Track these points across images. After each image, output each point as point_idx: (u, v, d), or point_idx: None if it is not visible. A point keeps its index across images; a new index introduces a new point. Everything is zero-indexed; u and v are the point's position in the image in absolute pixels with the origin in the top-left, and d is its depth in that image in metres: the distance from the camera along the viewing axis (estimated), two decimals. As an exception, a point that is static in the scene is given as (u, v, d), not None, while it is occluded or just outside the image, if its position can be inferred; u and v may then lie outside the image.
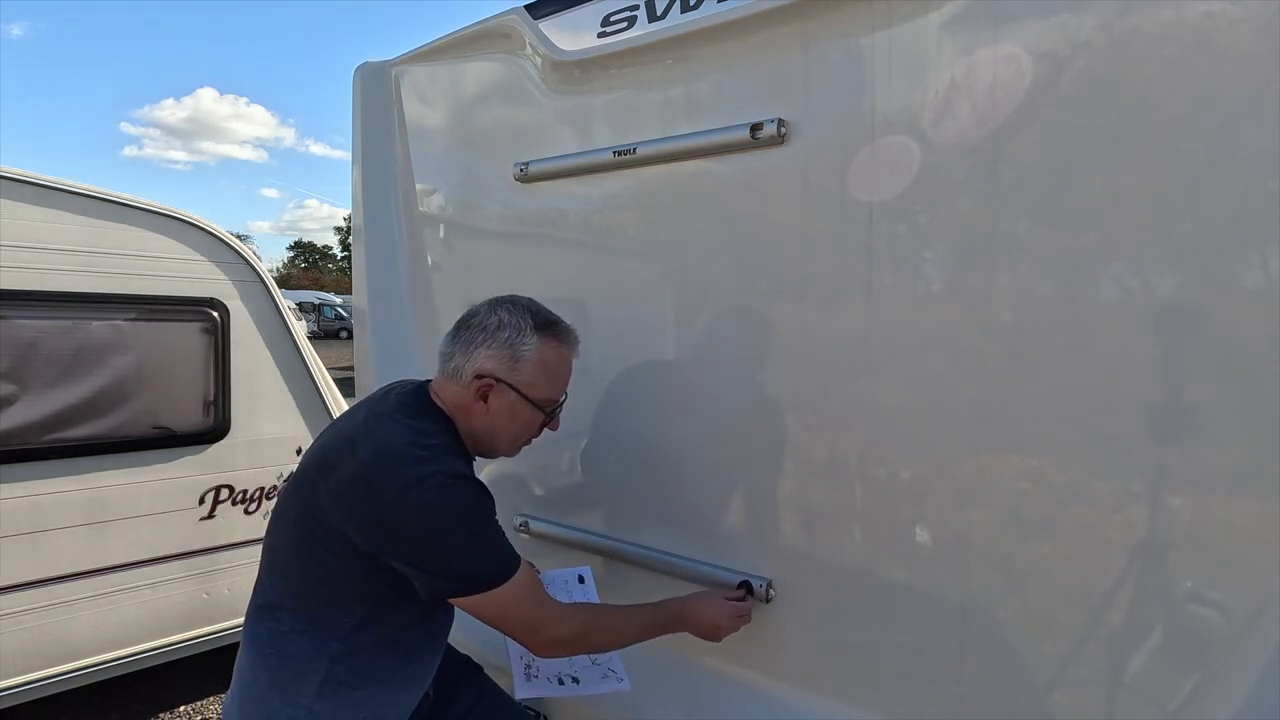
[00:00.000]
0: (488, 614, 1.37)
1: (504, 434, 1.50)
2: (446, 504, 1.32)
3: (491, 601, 1.35)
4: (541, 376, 1.47)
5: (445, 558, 1.34)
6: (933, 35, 1.33)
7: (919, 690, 1.42)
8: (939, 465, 1.37)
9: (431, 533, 1.32)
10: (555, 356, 1.48)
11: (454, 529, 1.33)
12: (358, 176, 2.40)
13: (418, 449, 1.35)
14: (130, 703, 3.32)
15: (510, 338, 1.44)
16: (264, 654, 1.40)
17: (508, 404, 1.46)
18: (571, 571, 1.80)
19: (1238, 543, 1.11)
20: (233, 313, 3.21)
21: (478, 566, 1.35)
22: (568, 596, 1.72)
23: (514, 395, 1.45)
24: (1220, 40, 1.08)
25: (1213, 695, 1.13)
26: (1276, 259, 1.05)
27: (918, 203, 1.36)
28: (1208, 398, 1.12)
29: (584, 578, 1.79)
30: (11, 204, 2.70)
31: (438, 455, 1.36)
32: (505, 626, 1.41)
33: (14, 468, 2.71)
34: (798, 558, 1.57)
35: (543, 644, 1.42)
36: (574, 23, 1.85)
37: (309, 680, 1.36)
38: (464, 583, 1.35)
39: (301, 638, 1.38)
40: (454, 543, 1.34)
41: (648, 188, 1.77)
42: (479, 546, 1.36)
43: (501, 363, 1.44)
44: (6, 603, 2.70)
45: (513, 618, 1.39)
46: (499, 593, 1.34)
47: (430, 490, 1.31)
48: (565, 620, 1.43)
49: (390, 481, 1.31)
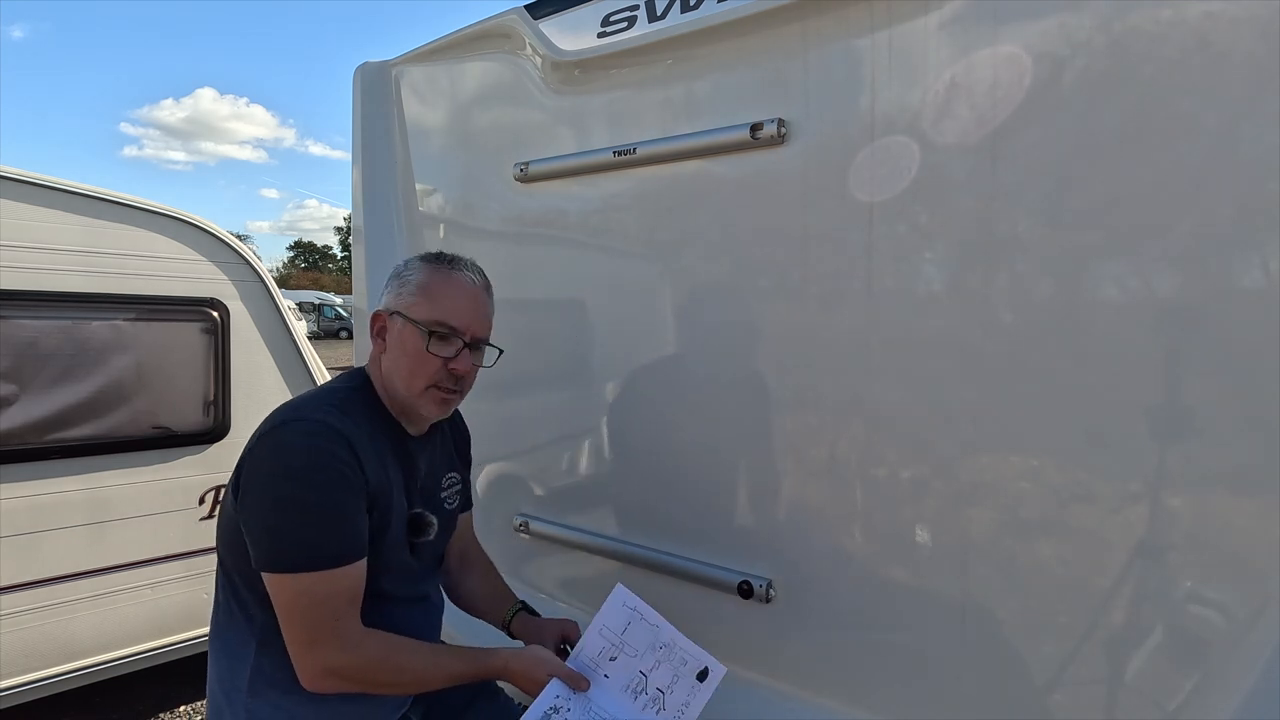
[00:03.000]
0: (278, 603, 1.21)
1: (399, 370, 1.38)
2: (293, 446, 1.22)
3: (284, 587, 1.19)
4: (423, 296, 1.39)
5: (263, 508, 1.21)
6: (932, 35, 1.33)
7: (919, 690, 1.42)
8: (939, 465, 1.37)
9: (263, 476, 1.21)
10: (438, 277, 1.41)
11: (286, 478, 1.20)
12: (358, 176, 2.40)
13: (295, 405, 1.31)
14: (130, 703, 3.32)
15: (399, 270, 1.44)
16: (213, 644, 1.37)
17: (397, 333, 1.39)
18: (702, 655, 1.43)
19: (1238, 543, 1.11)
20: (233, 313, 3.21)
21: (289, 531, 1.20)
22: (672, 677, 1.41)
23: (400, 321, 1.38)
24: (1220, 40, 1.08)
25: (1213, 695, 1.13)
26: (1276, 259, 1.05)
27: (918, 203, 1.36)
28: (1208, 398, 1.12)
29: (709, 674, 1.42)
30: (11, 204, 2.69)
31: (320, 406, 1.29)
32: (286, 629, 1.22)
33: (14, 468, 2.70)
34: (798, 558, 1.57)
35: (316, 669, 1.21)
36: (574, 23, 1.85)
37: (240, 673, 1.30)
38: (266, 547, 1.20)
39: (233, 621, 1.32)
40: (279, 493, 1.20)
41: (648, 188, 1.77)
42: (305, 510, 1.20)
43: (391, 295, 1.42)
44: (6, 603, 2.70)
45: (299, 618, 1.20)
46: (300, 579, 1.18)
47: (287, 433, 1.23)
48: (352, 651, 1.23)
49: (258, 430, 1.26)
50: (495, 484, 2.21)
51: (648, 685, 1.40)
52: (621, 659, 1.41)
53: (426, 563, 1.51)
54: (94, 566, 2.89)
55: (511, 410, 2.13)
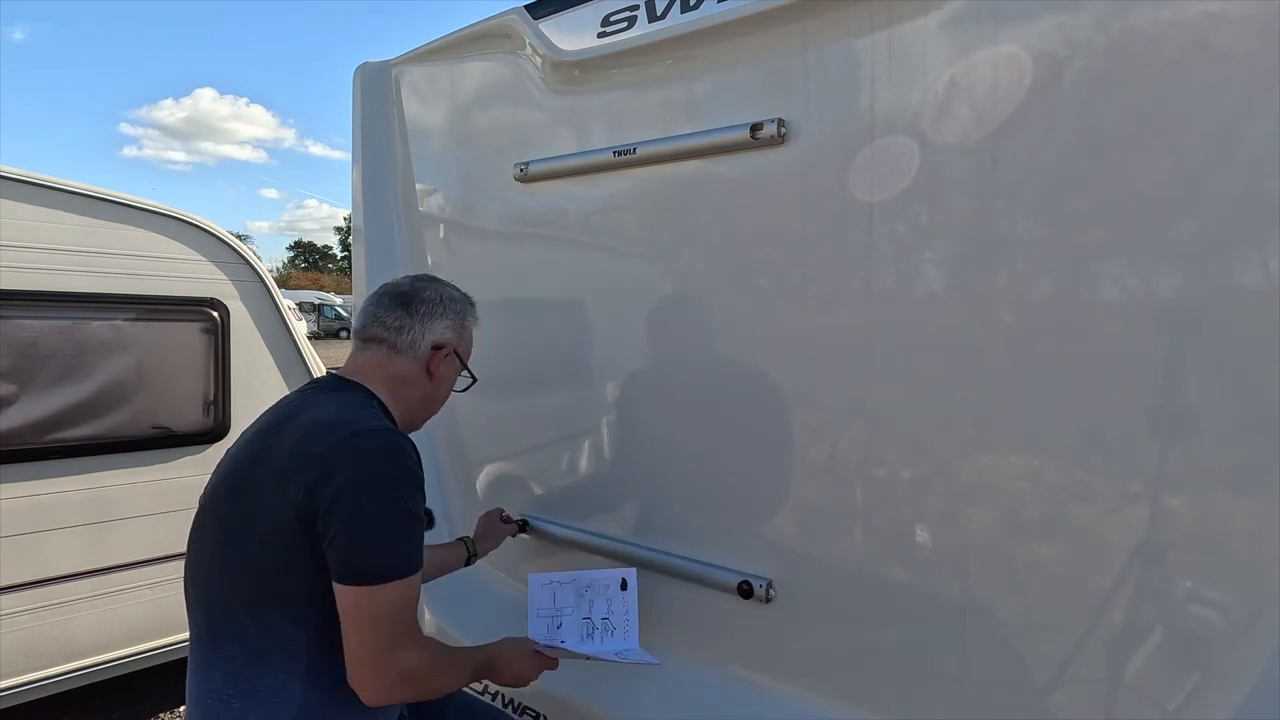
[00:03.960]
0: (359, 614, 1.16)
1: (438, 401, 1.54)
2: (386, 454, 1.22)
3: (374, 597, 1.16)
4: (471, 345, 1.59)
5: (365, 518, 1.18)
6: (932, 35, 1.33)
7: (919, 690, 1.42)
8: (939, 465, 1.37)
9: (359, 487, 1.18)
10: (472, 321, 1.60)
11: (386, 488, 1.20)
12: (358, 176, 2.40)
13: (349, 414, 1.29)
14: (130, 703, 3.32)
15: (461, 310, 1.55)
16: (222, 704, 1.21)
17: (451, 371, 1.54)
18: (613, 574, 1.62)
19: (1238, 543, 1.11)
20: (233, 313, 3.21)
21: (393, 540, 1.19)
22: (605, 604, 1.59)
23: (455, 362, 1.54)
24: (1220, 40, 1.08)
25: (1213, 695, 1.13)
26: (1276, 259, 1.05)
27: (918, 203, 1.36)
28: (1208, 397, 1.12)
29: (627, 583, 1.61)
30: (11, 204, 2.69)
31: (371, 418, 1.31)
32: (365, 637, 1.17)
33: (14, 468, 2.70)
34: (798, 558, 1.57)
35: (392, 676, 1.19)
36: (574, 23, 1.85)
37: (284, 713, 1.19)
38: (369, 556, 1.17)
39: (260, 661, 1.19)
40: (383, 502, 1.19)
41: (648, 188, 1.77)
42: (399, 522, 1.21)
43: (455, 333, 1.52)
44: (6, 603, 2.70)
45: (386, 626, 1.17)
46: (390, 588, 1.17)
47: (371, 438, 1.23)
48: (423, 650, 1.24)
49: (326, 437, 1.22)
50: (495, 483, 2.21)
51: (594, 622, 1.63)
52: (565, 622, 1.62)
53: None
54: (94, 566, 2.89)
55: (510, 410, 2.13)
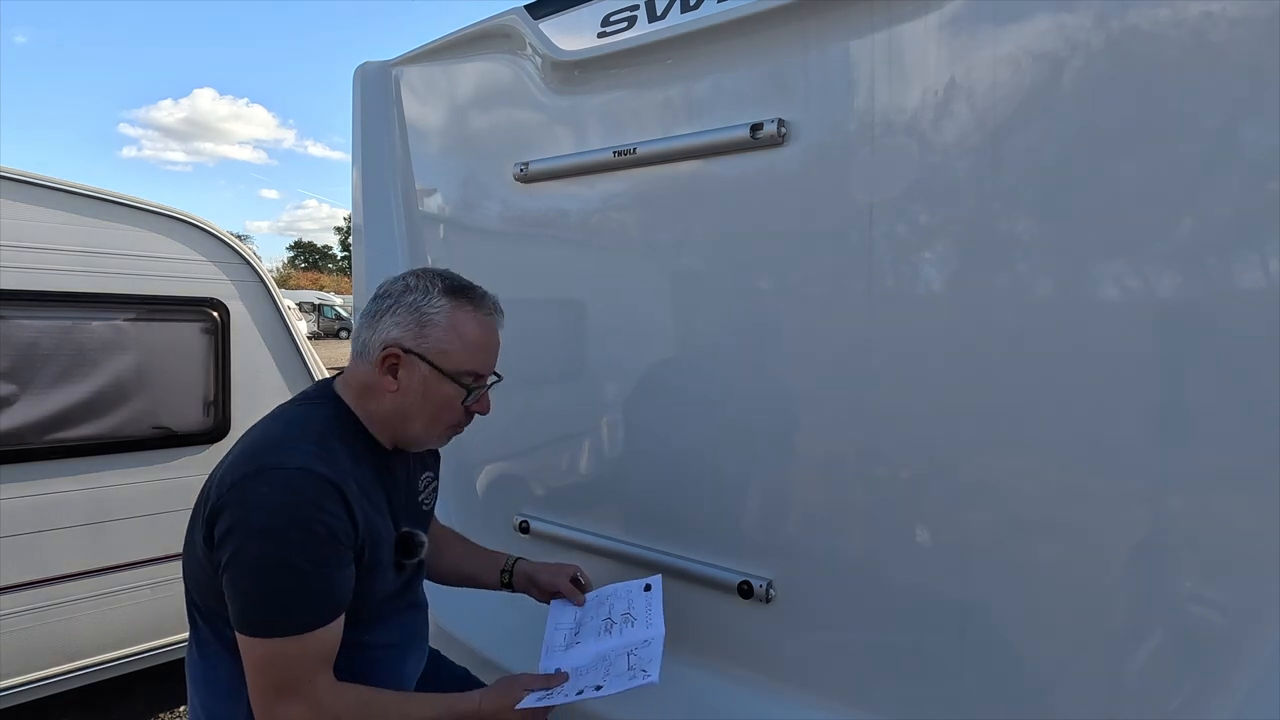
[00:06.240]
0: (247, 660, 1.14)
1: (418, 415, 1.29)
2: (279, 499, 1.11)
3: (253, 648, 1.12)
4: (455, 344, 1.27)
5: (240, 567, 1.11)
6: (932, 35, 1.33)
7: (919, 690, 1.42)
8: (939, 465, 1.37)
9: (240, 532, 1.11)
10: (471, 322, 1.30)
11: (265, 536, 1.10)
12: (358, 176, 2.40)
13: (276, 440, 1.19)
14: (130, 703, 3.32)
15: (416, 300, 1.27)
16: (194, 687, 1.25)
17: (419, 378, 1.27)
18: (637, 581, 1.58)
19: (1238, 543, 1.11)
20: (233, 313, 3.21)
21: (266, 595, 1.12)
22: (626, 603, 1.54)
23: (425, 367, 1.26)
24: (1220, 40, 1.08)
25: (1213, 695, 1.13)
26: (1276, 259, 1.05)
27: (917, 203, 1.36)
28: (1208, 397, 1.12)
29: (651, 586, 1.55)
30: (11, 204, 2.70)
31: (299, 447, 1.17)
32: (252, 680, 1.14)
33: (14, 468, 2.71)
34: (798, 558, 1.57)
35: None
36: (574, 23, 1.85)
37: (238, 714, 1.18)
38: (242, 607, 1.13)
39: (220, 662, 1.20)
40: (256, 553, 1.11)
41: (648, 188, 1.77)
42: (280, 577, 1.11)
43: (408, 330, 1.26)
44: (6, 603, 2.70)
45: (267, 677, 1.13)
46: (272, 643, 1.11)
47: (269, 479, 1.12)
48: (312, 708, 1.15)
49: (236, 468, 1.15)
50: (495, 484, 2.21)
51: (613, 619, 1.50)
52: (583, 629, 1.52)
53: (414, 571, 1.46)
54: (94, 566, 2.90)
55: (511, 410, 2.13)
